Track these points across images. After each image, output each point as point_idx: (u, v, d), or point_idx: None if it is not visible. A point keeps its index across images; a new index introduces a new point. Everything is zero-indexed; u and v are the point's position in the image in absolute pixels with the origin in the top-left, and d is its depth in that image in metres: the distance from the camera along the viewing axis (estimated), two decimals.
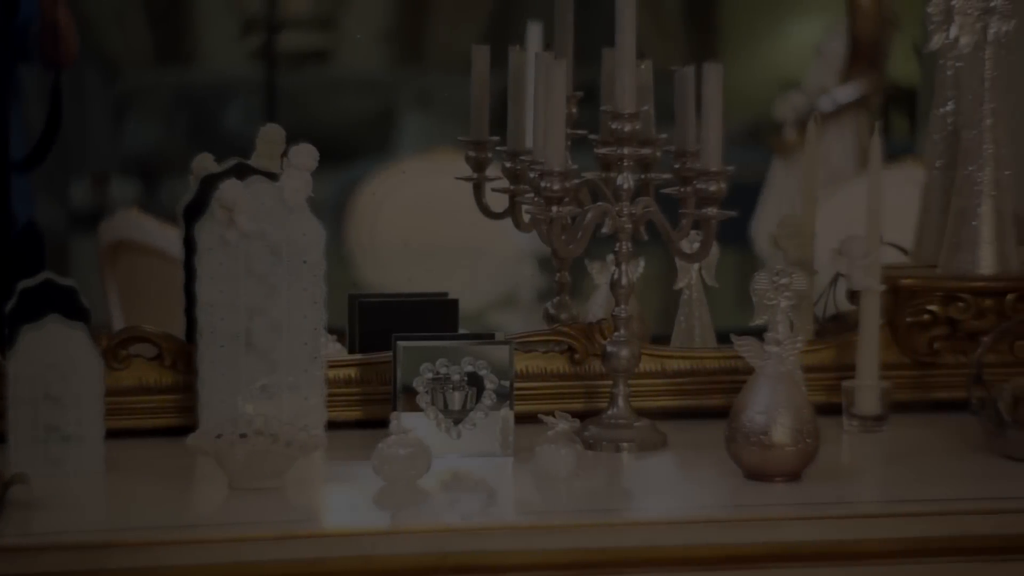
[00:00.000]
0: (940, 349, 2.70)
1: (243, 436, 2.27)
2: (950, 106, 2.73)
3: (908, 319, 2.69)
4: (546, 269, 2.85)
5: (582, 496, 2.33)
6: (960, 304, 2.67)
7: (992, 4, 2.63)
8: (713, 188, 2.47)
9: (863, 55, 3.17)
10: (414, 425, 2.38)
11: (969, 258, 2.66)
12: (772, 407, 2.33)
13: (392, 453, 2.30)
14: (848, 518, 2.25)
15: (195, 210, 2.50)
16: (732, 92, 3.16)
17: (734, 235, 3.02)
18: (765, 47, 3.17)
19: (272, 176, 2.48)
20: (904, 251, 2.82)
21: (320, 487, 2.37)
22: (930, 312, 2.69)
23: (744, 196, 3.06)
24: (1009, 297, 2.67)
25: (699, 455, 2.48)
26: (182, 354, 2.52)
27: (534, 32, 2.80)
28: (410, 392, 2.44)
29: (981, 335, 2.62)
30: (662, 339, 2.81)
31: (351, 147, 3.09)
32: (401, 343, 2.45)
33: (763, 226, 2.98)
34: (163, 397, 2.53)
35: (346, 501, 2.32)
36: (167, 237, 2.69)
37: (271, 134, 2.61)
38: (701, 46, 3.14)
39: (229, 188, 2.41)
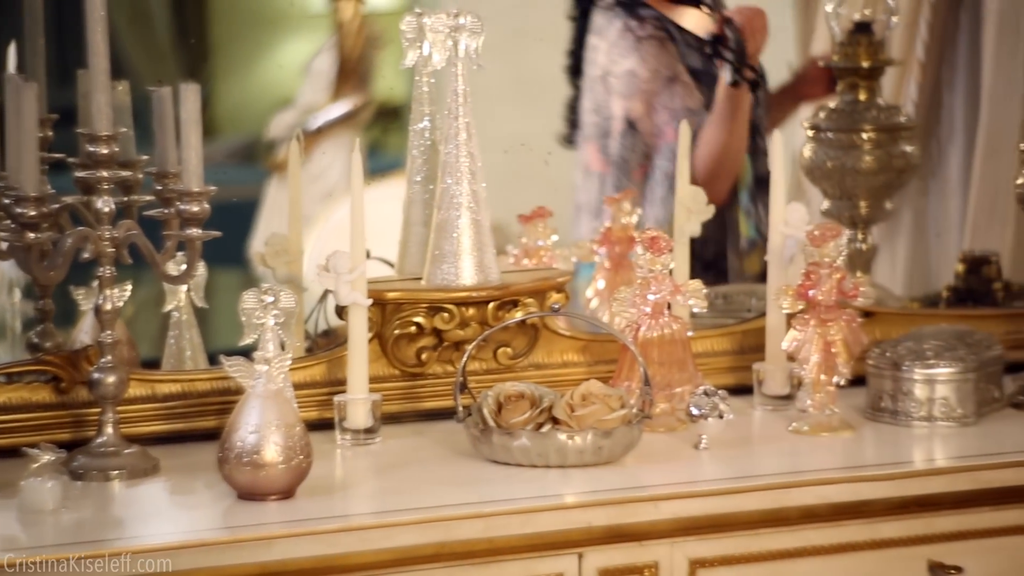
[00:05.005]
0: (427, 360, 2.75)
1: None
2: (427, 121, 2.79)
3: (396, 331, 2.73)
4: (32, 297, 2.77)
5: (70, 529, 2.27)
6: (445, 315, 2.73)
7: (461, 21, 2.70)
8: (195, 209, 2.46)
9: (351, 73, 3.21)
10: None
11: (451, 269, 2.72)
12: (263, 426, 2.33)
13: None
14: (340, 532, 2.27)
15: None
16: (227, 111, 3.16)
17: (232, 255, 3.01)
18: (259, 66, 3.18)
19: None
20: (391, 264, 2.86)
21: None
22: (416, 324, 2.73)
23: (241, 216, 3.06)
24: (491, 306, 2.74)
25: (192, 479, 2.46)
26: None
27: (12, 55, 2.72)
28: None
29: (466, 344, 2.69)
30: (154, 363, 2.78)
31: None
32: None
33: (260, 245, 2.98)
34: None
35: None
36: None
37: None
38: (193, 66, 3.11)
39: None
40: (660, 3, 3.17)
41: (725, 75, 3.10)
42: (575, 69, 3.16)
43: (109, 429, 2.48)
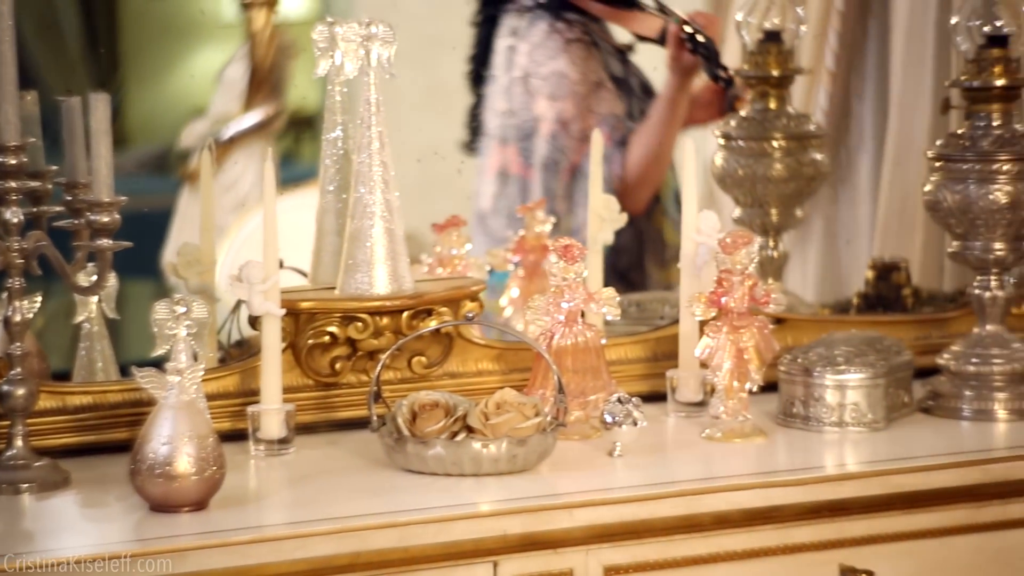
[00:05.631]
0: (341, 369, 2.74)
1: None
2: (339, 131, 2.79)
3: (309, 341, 2.72)
4: None
5: None
6: (359, 324, 2.72)
7: (373, 30, 2.69)
8: (106, 219, 2.44)
9: (263, 82, 3.20)
10: None
11: (365, 279, 2.71)
12: (175, 437, 2.32)
13: None
14: (253, 543, 2.26)
15: None
16: (139, 121, 3.15)
17: (145, 266, 2.99)
18: (170, 76, 3.16)
19: None
20: (304, 274, 2.85)
21: None
22: (330, 333, 2.73)
23: (154, 226, 3.05)
24: (405, 315, 2.73)
25: (103, 491, 2.44)
26: None
27: None
28: None
29: (380, 353, 2.68)
30: (65, 375, 2.76)
31: None
32: None
33: (172, 256, 2.96)
34: None
35: None
36: None
37: None
38: (104, 76, 3.10)
39: None
40: (591, 6, 3.18)
41: (673, 77, 3.13)
42: (478, 75, 3.17)
43: (19, 442, 2.45)
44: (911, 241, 3.39)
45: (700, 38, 3.13)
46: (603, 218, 2.91)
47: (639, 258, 3.15)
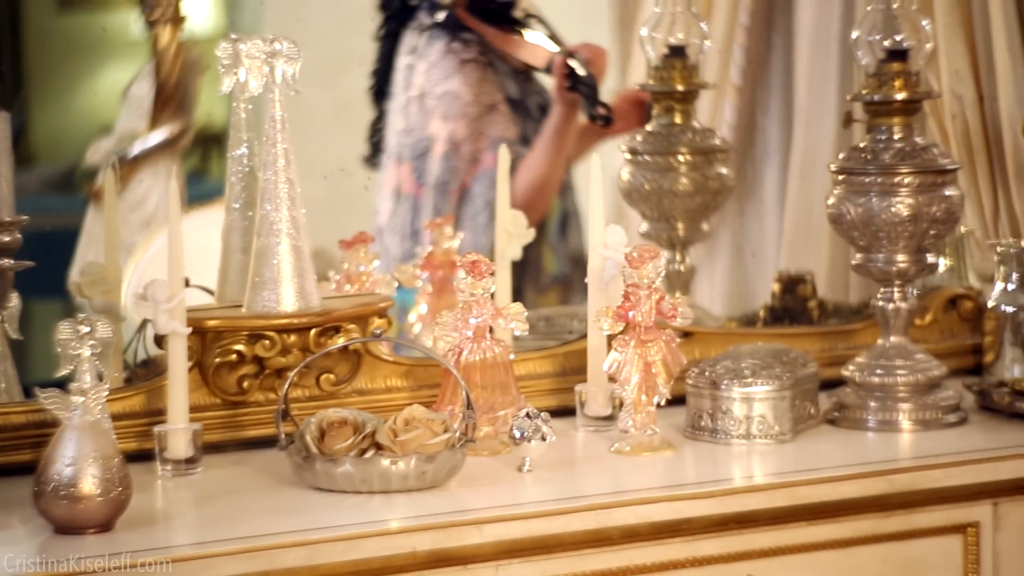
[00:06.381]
0: (249, 388, 2.73)
1: None
2: (245, 148, 2.78)
3: (216, 360, 2.71)
4: None
5: None
6: (266, 342, 2.71)
7: (277, 47, 2.68)
8: (7, 239, 2.43)
9: (170, 99, 3.18)
10: None
11: (272, 296, 2.70)
12: (79, 459, 2.31)
13: None
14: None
15: None
16: (44, 140, 3.12)
17: (52, 286, 2.97)
18: (75, 94, 3.14)
19: None
20: (211, 292, 2.84)
21: None
22: (237, 352, 2.71)
23: (60, 245, 3.02)
24: (312, 332, 2.72)
25: (7, 514, 2.41)
26: None
27: None
28: None
29: (288, 371, 2.67)
30: None
31: None
32: None
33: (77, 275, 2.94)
34: None
35: None
36: None
37: None
38: (7, 95, 3.07)
39: None
40: (483, 29, 3.19)
41: (559, 108, 3.15)
42: (380, 90, 3.18)
43: None
44: (816, 254, 3.42)
45: (581, 73, 3.14)
46: (511, 233, 2.92)
47: (518, 283, 3.14)
